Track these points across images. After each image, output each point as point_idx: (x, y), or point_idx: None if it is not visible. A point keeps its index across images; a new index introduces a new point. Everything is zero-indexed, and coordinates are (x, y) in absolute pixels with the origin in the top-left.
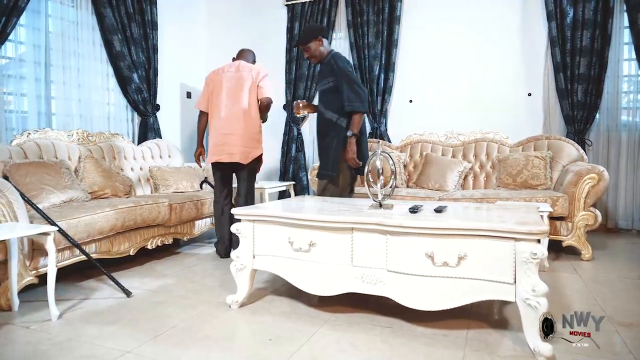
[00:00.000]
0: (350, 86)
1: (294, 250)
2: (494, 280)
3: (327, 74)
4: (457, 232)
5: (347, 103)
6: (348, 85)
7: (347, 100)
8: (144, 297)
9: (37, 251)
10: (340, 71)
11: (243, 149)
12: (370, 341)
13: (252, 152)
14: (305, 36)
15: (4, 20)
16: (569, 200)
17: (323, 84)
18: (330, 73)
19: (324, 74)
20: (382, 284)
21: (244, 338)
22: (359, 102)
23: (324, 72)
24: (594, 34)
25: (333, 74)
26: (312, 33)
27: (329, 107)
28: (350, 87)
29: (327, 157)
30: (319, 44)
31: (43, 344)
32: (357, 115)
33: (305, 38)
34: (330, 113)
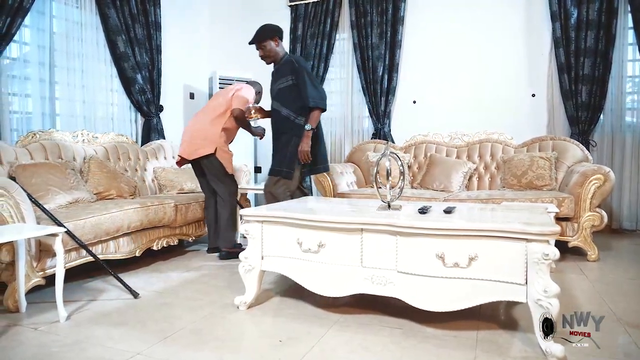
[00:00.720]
0: (312, 84)
1: (302, 251)
2: (505, 281)
3: (287, 72)
4: (468, 232)
5: (311, 99)
6: (310, 83)
7: (311, 97)
8: (151, 298)
9: (44, 252)
10: (301, 70)
11: (189, 144)
12: (381, 342)
13: (199, 150)
14: (262, 34)
15: (8, 21)
16: (575, 201)
17: (282, 82)
18: (291, 72)
19: (282, 72)
20: (392, 285)
21: (254, 339)
22: (321, 100)
23: (282, 71)
24: (598, 35)
25: (294, 72)
26: (270, 32)
27: (286, 105)
28: (313, 85)
29: (282, 154)
30: (276, 45)
31: (53, 346)
32: (318, 112)
33: (262, 36)
34: (287, 111)
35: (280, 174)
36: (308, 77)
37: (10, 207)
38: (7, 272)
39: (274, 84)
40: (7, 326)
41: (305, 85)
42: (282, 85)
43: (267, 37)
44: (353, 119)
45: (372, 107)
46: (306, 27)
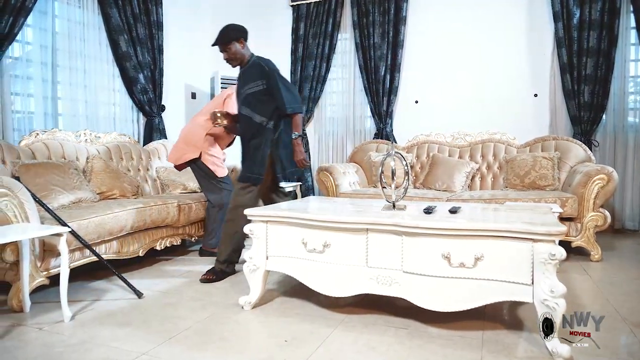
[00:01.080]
0: (287, 88)
1: (307, 251)
2: (511, 281)
3: (256, 76)
4: (475, 232)
5: (288, 105)
6: (285, 87)
7: (287, 102)
8: (155, 298)
9: (48, 252)
10: (273, 74)
11: (176, 150)
12: (387, 342)
13: (184, 155)
14: (226, 36)
15: (11, 21)
16: (579, 201)
17: (251, 87)
18: (260, 76)
19: (251, 76)
20: (397, 285)
21: (259, 340)
22: (297, 104)
23: (251, 75)
24: (601, 35)
25: (264, 76)
26: (234, 33)
27: (257, 111)
28: (288, 90)
29: (252, 160)
30: (241, 46)
31: (58, 346)
32: (299, 116)
33: (227, 38)
34: (258, 116)
35: (249, 180)
36: (280, 81)
37: (14, 206)
38: (11, 272)
39: (242, 88)
40: (11, 326)
41: (280, 90)
42: (251, 90)
43: (231, 38)
44: (355, 119)
45: (374, 107)
46: (308, 27)
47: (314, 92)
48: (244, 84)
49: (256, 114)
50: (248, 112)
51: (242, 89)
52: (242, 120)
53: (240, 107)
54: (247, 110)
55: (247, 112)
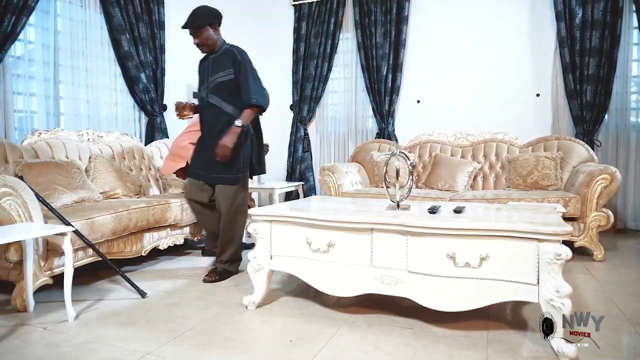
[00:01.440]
0: (255, 80)
1: (312, 250)
2: (516, 281)
3: (229, 64)
4: (480, 232)
5: (254, 96)
6: (254, 78)
7: (253, 92)
8: (158, 298)
9: (51, 251)
10: (245, 63)
11: (165, 160)
12: (393, 342)
13: (172, 164)
14: (199, 19)
15: (13, 20)
16: (581, 200)
17: (222, 76)
18: (232, 64)
19: (223, 64)
20: (402, 284)
21: (264, 340)
22: (263, 99)
23: (222, 62)
24: (603, 35)
25: (235, 64)
26: (209, 18)
27: (228, 101)
28: (256, 82)
29: (235, 162)
30: (215, 32)
31: (63, 346)
32: (255, 110)
33: (201, 21)
34: (230, 107)
35: (238, 181)
36: (251, 71)
37: (18, 206)
38: (15, 271)
39: (213, 75)
40: (15, 325)
41: (247, 80)
42: (222, 78)
43: (205, 22)
44: (357, 119)
45: (376, 107)
46: (310, 27)
47: (315, 92)
48: (214, 72)
49: (228, 104)
50: (218, 101)
51: (210, 76)
52: (210, 110)
53: (209, 95)
54: (217, 100)
55: (217, 101)
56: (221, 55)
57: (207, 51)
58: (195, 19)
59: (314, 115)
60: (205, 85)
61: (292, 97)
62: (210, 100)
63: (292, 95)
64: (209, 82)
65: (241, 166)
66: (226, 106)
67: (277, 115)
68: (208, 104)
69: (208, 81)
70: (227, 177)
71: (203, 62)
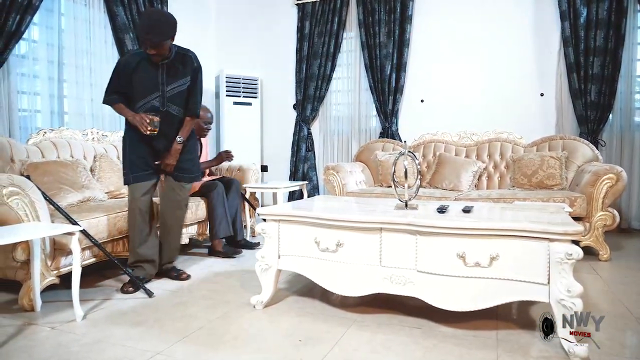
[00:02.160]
0: (201, 91)
1: (320, 250)
2: (526, 281)
3: (187, 72)
4: (490, 232)
5: (198, 107)
6: (200, 89)
7: (198, 104)
8: (165, 298)
9: (58, 251)
10: (200, 72)
11: None
12: (402, 342)
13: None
14: (164, 34)
15: (18, 19)
16: (587, 200)
17: (182, 84)
18: (191, 71)
19: (180, 71)
20: (411, 284)
21: (273, 339)
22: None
23: (179, 69)
24: (608, 34)
25: (194, 72)
26: (172, 30)
27: (183, 108)
28: (201, 92)
29: (193, 159)
30: (171, 42)
31: (72, 346)
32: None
33: (166, 35)
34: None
35: (197, 179)
36: (200, 82)
37: (25, 205)
38: (22, 271)
39: (172, 84)
40: (23, 325)
41: (199, 90)
42: (182, 87)
43: (169, 36)
44: (360, 118)
45: (379, 106)
46: (313, 26)
47: (319, 91)
48: (171, 80)
49: (182, 111)
50: (176, 110)
51: (167, 85)
52: (170, 119)
53: (166, 104)
54: (176, 109)
55: (176, 110)
56: (175, 62)
57: (159, 60)
58: (159, 33)
59: (317, 114)
60: (160, 94)
61: (296, 97)
62: (169, 109)
63: (295, 94)
64: (165, 90)
65: (196, 166)
66: (181, 112)
67: (281, 115)
68: (166, 113)
69: (164, 90)
70: (187, 177)
71: (149, 67)
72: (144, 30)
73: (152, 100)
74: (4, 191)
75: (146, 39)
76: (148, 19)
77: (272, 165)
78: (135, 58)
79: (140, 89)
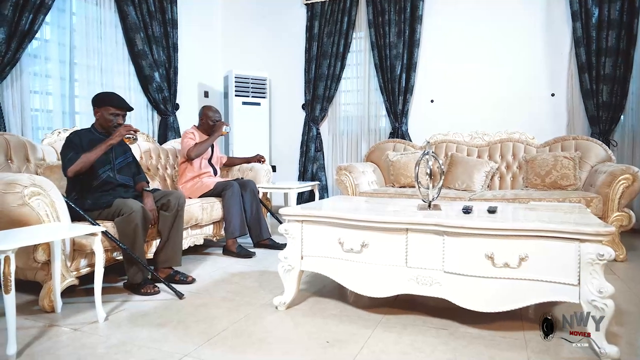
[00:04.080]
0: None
1: (344, 251)
2: (556, 282)
3: (127, 146)
4: (520, 232)
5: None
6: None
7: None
8: (185, 299)
9: (77, 252)
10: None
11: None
12: (430, 343)
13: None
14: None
15: (31, 18)
16: (603, 200)
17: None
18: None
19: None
20: (438, 285)
21: (300, 341)
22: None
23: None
24: (620, 34)
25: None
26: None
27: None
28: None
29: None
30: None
31: (99, 348)
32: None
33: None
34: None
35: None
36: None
37: (46, 205)
38: (42, 272)
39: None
40: (45, 326)
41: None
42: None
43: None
44: (370, 118)
45: (389, 106)
46: (322, 26)
47: (328, 91)
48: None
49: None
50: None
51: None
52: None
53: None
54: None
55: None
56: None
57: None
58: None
59: (326, 114)
60: (111, 166)
61: (304, 97)
62: (120, 179)
63: (304, 94)
64: (115, 163)
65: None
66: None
67: (289, 115)
68: (117, 182)
69: (114, 163)
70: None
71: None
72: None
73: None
74: (25, 191)
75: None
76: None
77: (280, 166)
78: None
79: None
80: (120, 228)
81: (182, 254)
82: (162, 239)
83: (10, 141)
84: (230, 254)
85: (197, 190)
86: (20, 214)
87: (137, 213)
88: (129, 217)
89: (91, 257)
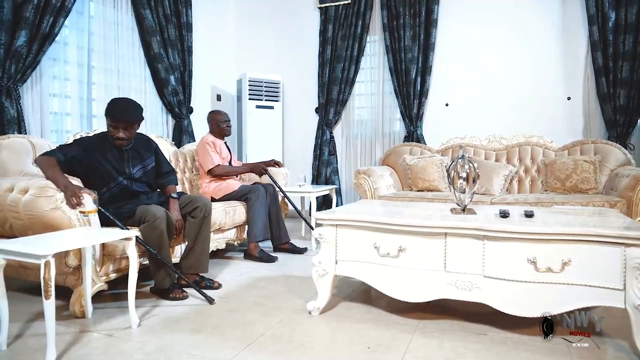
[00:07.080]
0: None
1: (380, 255)
2: (600, 286)
3: (150, 152)
4: (562, 237)
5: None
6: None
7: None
8: (216, 304)
9: (107, 257)
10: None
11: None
12: (473, 349)
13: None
14: (138, 114)
15: (52, 21)
16: (627, 204)
17: (148, 164)
18: (153, 152)
19: (143, 153)
20: (477, 289)
21: (342, 346)
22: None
23: (141, 152)
24: (637, 38)
25: (154, 152)
26: (141, 114)
27: (153, 185)
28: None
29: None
30: (138, 127)
31: (137, 354)
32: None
33: (139, 116)
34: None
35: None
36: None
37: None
38: (72, 276)
39: (134, 167)
40: (78, 332)
41: (165, 162)
42: (148, 167)
43: (140, 118)
44: (384, 122)
45: (404, 110)
46: (336, 29)
47: (342, 95)
48: (137, 162)
49: (151, 188)
50: (143, 188)
51: (132, 168)
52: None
53: (134, 184)
54: (143, 187)
55: (143, 188)
56: (137, 146)
57: (124, 145)
58: (134, 113)
59: (340, 118)
60: (128, 175)
61: (318, 100)
62: (137, 188)
63: (317, 98)
64: (132, 173)
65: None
66: (151, 189)
67: (303, 118)
68: (134, 191)
69: (130, 172)
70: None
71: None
72: (123, 114)
73: (122, 180)
74: (57, 195)
75: (127, 121)
76: (125, 106)
77: (293, 169)
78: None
79: (104, 169)
80: (145, 234)
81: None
82: (188, 245)
83: (36, 144)
84: (252, 258)
85: (220, 191)
86: (53, 218)
87: (162, 220)
88: (153, 223)
89: (119, 263)
